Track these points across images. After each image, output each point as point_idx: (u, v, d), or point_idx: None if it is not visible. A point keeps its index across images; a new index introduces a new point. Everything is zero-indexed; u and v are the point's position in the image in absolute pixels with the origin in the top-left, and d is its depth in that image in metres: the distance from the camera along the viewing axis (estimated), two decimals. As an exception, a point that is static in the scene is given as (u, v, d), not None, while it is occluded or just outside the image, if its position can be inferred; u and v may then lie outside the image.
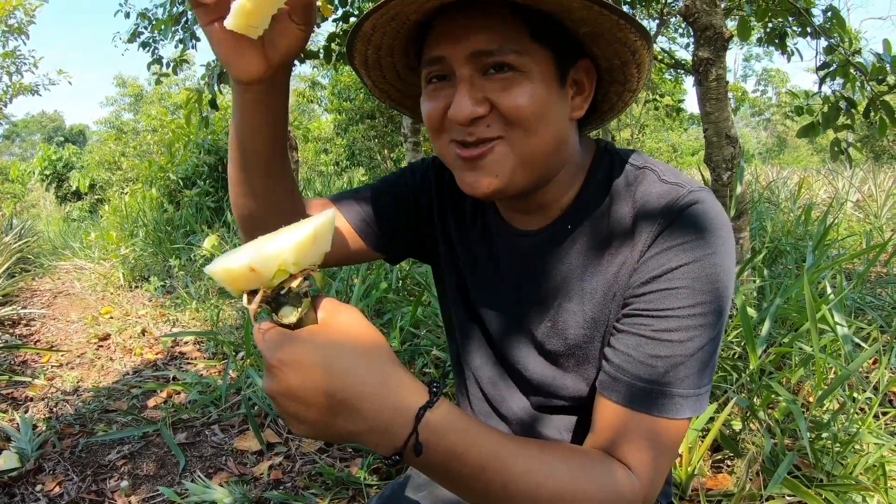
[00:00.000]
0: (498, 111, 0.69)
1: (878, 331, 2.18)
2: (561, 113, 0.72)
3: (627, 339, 0.72)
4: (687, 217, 0.70)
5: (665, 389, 0.69)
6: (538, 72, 0.68)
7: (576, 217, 0.79)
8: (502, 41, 0.67)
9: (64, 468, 2.05)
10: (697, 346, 0.69)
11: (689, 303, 0.68)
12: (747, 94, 20.51)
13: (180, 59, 4.53)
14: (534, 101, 0.68)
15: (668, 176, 0.75)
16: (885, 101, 2.83)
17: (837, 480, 1.45)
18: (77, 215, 14.28)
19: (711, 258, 0.69)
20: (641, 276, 0.72)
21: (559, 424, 0.88)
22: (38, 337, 3.80)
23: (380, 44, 0.74)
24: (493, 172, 0.71)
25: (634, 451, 0.68)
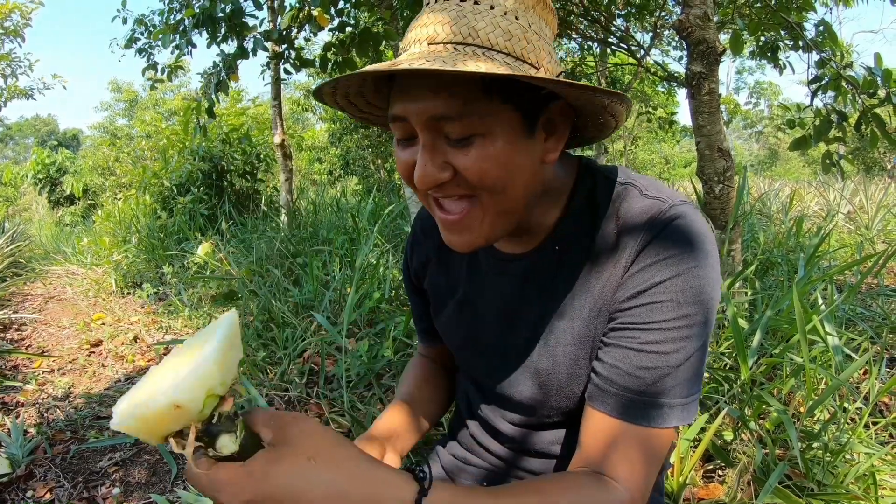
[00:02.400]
0: (463, 176, 0.68)
1: (869, 342, 2.20)
2: (530, 161, 0.71)
3: (615, 352, 0.73)
4: (670, 231, 0.71)
5: (653, 400, 0.70)
6: (501, 130, 0.66)
7: (561, 237, 0.81)
8: (459, 106, 0.64)
9: (55, 474, 2.04)
10: (684, 357, 0.70)
11: (675, 315, 0.70)
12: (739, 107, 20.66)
13: (175, 66, 4.54)
14: (497, 164, 0.67)
15: (651, 191, 0.76)
16: (876, 114, 2.87)
17: (828, 490, 1.46)
18: (70, 220, 14.20)
19: (695, 271, 0.70)
20: (627, 290, 0.73)
21: (549, 438, 0.90)
22: (30, 342, 3.78)
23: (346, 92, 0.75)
24: (472, 232, 0.73)
25: (624, 462, 0.69)
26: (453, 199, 0.71)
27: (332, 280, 3.45)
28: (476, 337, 0.93)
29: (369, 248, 3.40)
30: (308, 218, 5.50)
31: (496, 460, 0.96)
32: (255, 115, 8.17)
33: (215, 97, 3.79)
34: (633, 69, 8.00)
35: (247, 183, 7.23)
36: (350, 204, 5.94)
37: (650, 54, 6.15)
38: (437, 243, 0.96)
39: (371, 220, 4.32)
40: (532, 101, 0.68)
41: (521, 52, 0.66)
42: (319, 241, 4.47)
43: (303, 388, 2.49)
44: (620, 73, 9.13)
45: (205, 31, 3.72)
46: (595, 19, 5.11)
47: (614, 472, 0.69)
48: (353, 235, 4.21)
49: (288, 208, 5.53)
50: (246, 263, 4.22)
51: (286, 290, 3.54)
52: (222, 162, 6.85)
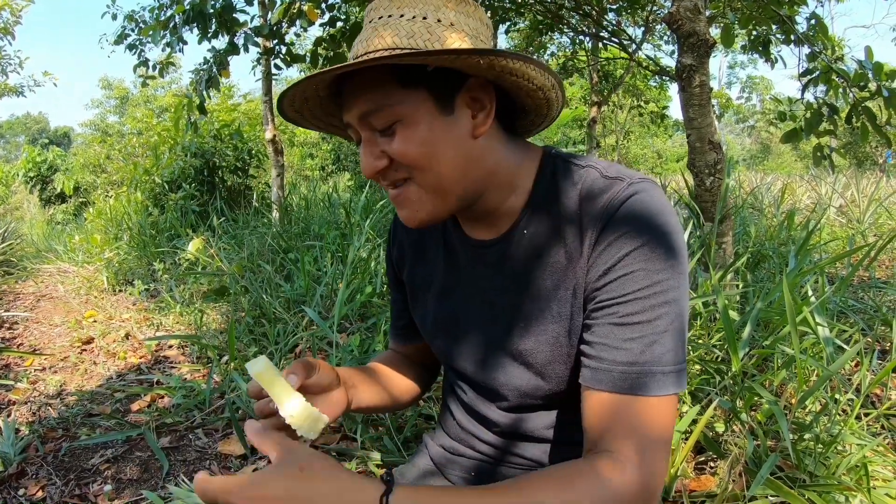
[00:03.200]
0: (394, 160, 0.77)
1: (860, 333, 2.21)
2: (457, 137, 0.77)
3: (599, 330, 0.75)
4: (629, 206, 0.75)
5: (645, 369, 0.71)
6: (417, 114, 0.74)
7: (528, 221, 0.84)
8: (376, 101, 0.74)
9: (47, 472, 2.02)
10: (667, 323, 0.72)
11: (648, 283, 0.72)
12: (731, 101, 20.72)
13: (167, 62, 4.52)
14: (418, 143, 0.75)
15: (610, 172, 0.80)
16: (867, 108, 2.87)
17: (820, 481, 1.47)
18: (61, 218, 14.13)
19: (660, 239, 0.74)
20: (598, 269, 0.76)
21: (539, 423, 0.90)
22: (21, 340, 3.76)
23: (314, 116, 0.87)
24: (415, 208, 0.80)
25: (629, 436, 0.70)
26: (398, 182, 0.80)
27: (323, 275, 3.44)
28: (457, 326, 0.94)
29: (361, 242, 3.39)
30: (299, 213, 5.48)
31: (487, 447, 0.96)
32: (246, 110, 8.15)
33: (206, 93, 3.77)
34: (624, 63, 8.00)
35: (238, 179, 7.21)
36: (342, 199, 5.92)
37: (642, 48, 6.15)
38: (413, 237, 1.01)
39: (363, 214, 4.30)
40: (443, 83, 0.75)
41: (423, 45, 0.74)
42: (311, 236, 4.46)
43: (294, 384, 2.48)
44: (612, 67, 9.13)
45: (195, 27, 3.70)
46: (587, 13, 5.11)
47: (619, 448, 0.70)
48: (344, 231, 4.20)
49: (279, 204, 5.52)
50: (237, 259, 4.21)
51: (277, 286, 3.53)
52: (214, 158, 6.82)
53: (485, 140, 0.80)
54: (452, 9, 0.77)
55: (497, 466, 0.95)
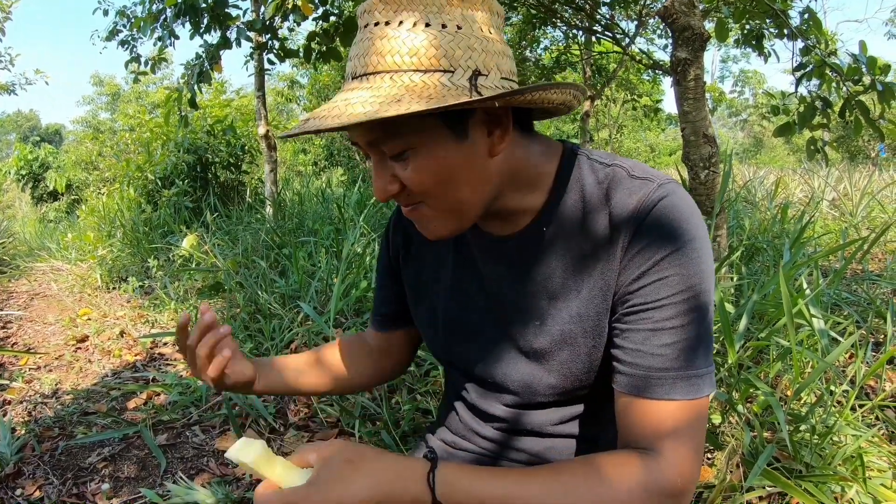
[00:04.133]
0: (407, 187, 0.74)
1: (854, 325, 2.22)
2: (470, 160, 0.74)
3: (634, 336, 0.75)
4: (661, 210, 0.75)
5: (681, 373, 0.73)
6: (430, 142, 0.71)
7: (550, 219, 0.83)
8: (385, 129, 0.70)
9: (44, 471, 2.02)
10: (699, 328, 0.73)
11: (681, 288, 0.73)
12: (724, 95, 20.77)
13: (158, 58, 4.49)
14: (431, 173, 0.72)
15: (637, 171, 0.79)
16: (860, 101, 2.88)
17: (816, 471, 1.48)
18: (53, 216, 14.04)
19: (692, 244, 0.74)
20: (631, 273, 0.75)
21: (543, 419, 0.90)
22: (15, 339, 3.74)
23: None
24: (432, 226, 0.79)
25: (670, 441, 0.72)
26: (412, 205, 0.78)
27: (318, 270, 3.43)
28: (468, 323, 0.93)
29: (355, 237, 3.39)
30: (293, 209, 5.47)
31: (488, 443, 0.96)
32: (239, 106, 8.11)
33: (198, 88, 3.75)
34: (618, 57, 8.01)
35: (231, 175, 7.18)
36: (336, 194, 5.91)
37: (635, 42, 6.15)
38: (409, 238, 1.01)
39: (357, 209, 4.30)
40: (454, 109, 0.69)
41: (429, 64, 0.69)
42: (305, 231, 4.45)
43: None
44: (605, 61, 9.13)
45: (187, 21, 3.68)
46: (580, 7, 5.11)
47: (661, 452, 0.71)
48: (338, 226, 4.19)
49: (273, 199, 5.50)
50: (231, 255, 4.20)
51: (272, 281, 3.52)
52: (207, 154, 6.79)
53: (503, 153, 0.77)
54: (458, 5, 0.71)
55: (498, 461, 0.95)
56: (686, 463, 0.71)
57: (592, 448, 0.90)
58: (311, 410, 2.28)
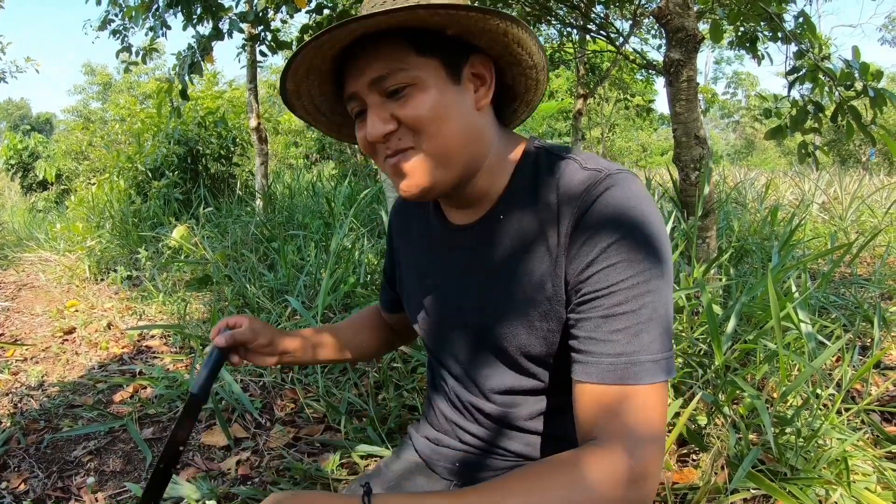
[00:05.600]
0: (404, 124, 0.78)
1: (842, 329, 2.23)
2: (463, 107, 0.80)
3: (586, 324, 0.76)
4: (608, 197, 0.76)
5: (634, 358, 0.72)
6: (430, 80, 0.77)
7: (506, 207, 0.86)
8: (391, 65, 0.76)
9: (29, 465, 2.00)
10: (651, 312, 0.73)
11: (630, 273, 0.73)
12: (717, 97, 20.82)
13: (150, 48, 4.45)
14: (430, 107, 0.77)
15: (590, 163, 0.81)
16: (852, 106, 2.90)
17: (801, 474, 1.48)
18: (42, 206, 13.92)
19: (641, 228, 0.74)
20: (580, 262, 0.77)
21: (524, 413, 0.90)
22: (2, 330, 3.71)
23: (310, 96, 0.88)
24: (416, 176, 0.81)
25: (618, 425, 0.70)
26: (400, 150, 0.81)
27: (306, 265, 3.42)
28: (436, 311, 0.97)
29: (344, 232, 3.38)
30: (283, 202, 5.45)
31: (472, 438, 0.96)
32: (231, 98, 8.07)
33: (189, 79, 3.72)
34: (611, 56, 8.00)
35: (222, 167, 7.14)
36: (326, 188, 5.89)
37: (629, 42, 6.16)
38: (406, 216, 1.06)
39: (347, 204, 4.28)
40: (454, 53, 0.79)
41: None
42: (295, 225, 4.43)
43: (278, 374, 2.47)
44: (599, 59, 9.13)
45: (179, 11, 3.64)
46: (575, 6, 5.10)
47: (609, 438, 0.70)
48: (328, 220, 4.17)
49: (263, 193, 5.47)
50: (221, 248, 4.17)
51: (261, 275, 3.51)
52: (198, 146, 6.75)
53: (483, 117, 0.83)
54: None
55: (483, 458, 0.95)
56: (645, 448, 0.69)
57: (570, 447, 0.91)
58: (298, 406, 2.28)
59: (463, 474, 0.97)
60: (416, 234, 1.03)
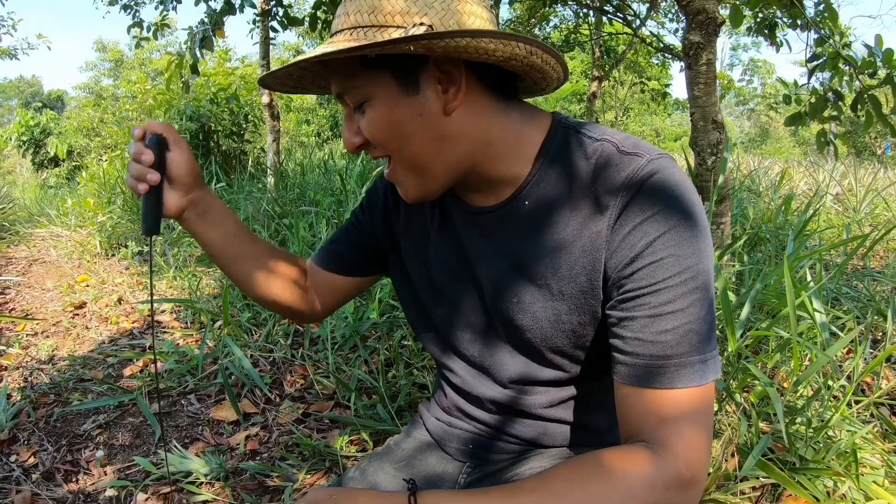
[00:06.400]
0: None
1: (854, 321, 2.21)
2: (424, 116, 0.74)
3: (632, 324, 0.71)
4: (651, 186, 0.71)
5: (683, 360, 0.69)
6: (380, 94, 0.74)
7: (531, 190, 0.80)
8: (344, 83, 0.76)
9: (38, 438, 2.02)
10: (700, 310, 0.70)
11: (678, 269, 0.69)
12: (733, 83, 20.59)
13: (161, 23, 4.43)
14: (382, 125, 0.75)
15: (627, 146, 0.75)
16: (872, 95, 2.85)
17: (810, 465, 1.48)
18: (54, 182, 14.00)
19: (687, 221, 0.70)
20: (623, 255, 0.72)
21: (538, 401, 0.88)
22: (13, 305, 3.73)
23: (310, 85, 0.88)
24: (404, 186, 0.81)
25: (670, 430, 0.68)
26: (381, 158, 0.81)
27: (318, 241, 3.41)
28: (448, 294, 0.91)
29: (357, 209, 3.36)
30: (295, 179, 5.44)
31: (482, 426, 0.94)
32: (243, 74, 8.03)
33: (200, 54, 3.70)
34: (627, 39, 7.92)
35: (234, 143, 7.13)
36: (338, 166, 5.87)
37: (646, 25, 6.08)
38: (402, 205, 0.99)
39: (359, 181, 4.26)
40: (405, 63, 0.73)
41: (384, 20, 0.72)
42: (306, 202, 4.42)
43: (288, 350, 2.48)
44: (615, 42, 9.03)
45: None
46: (592, -12, 5.04)
47: (662, 443, 0.67)
48: (340, 197, 4.16)
49: (275, 169, 5.46)
50: (232, 224, 4.16)
51: (272, 252, 3.50)
52: (209, 122, 6.74)
53: (464, 113, 0.76)
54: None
55: (496, 442, 0.94)
56: (694, 452, 0.67)
57: (585, 436, 0.89)
58: (307, 382, 2.29)
59: (475, 456, 0.95)
60: (425, 214, 0.95)
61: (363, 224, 1.04)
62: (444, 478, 0.96)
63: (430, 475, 0.97)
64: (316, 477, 1.75)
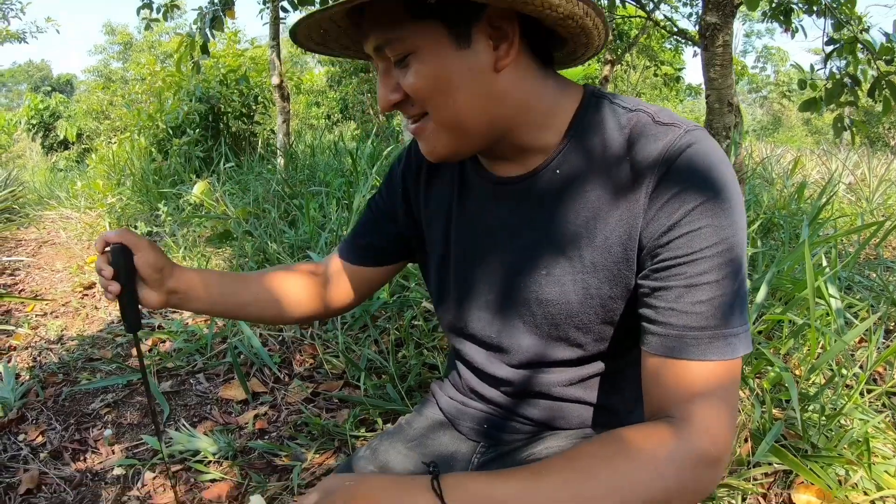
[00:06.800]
0: (408, 95, 0.73)
1: (868, 310, 2.18)
2: (475, 73, 0.72)
3: (666, 294, 0.70)
4: (689, 157, 0.70)
5: (717, 332, 0.67)
6: (430, 47, 0.70)
7: (563, 160, 0.78)
8: (387, 33, 0.71)
9: (47, 417, 2.02)
10: (734, 282, 0.68)
11: (716, 240, 0.68)
12: (747, 69, 20.38)
13: (171, 4, 4.40)
14: (429, 78, 0.71)
15: (663, 117, 0.74)
16: (890, 81, 2.80)
17: (822, 452, 1.46)
18: (64, 165, 14.06)
19: (724, 192, 0.69)
20: (660, 225, 0.70)
21: (555, 381, 0.86)
22: (23, 286, 3.75)
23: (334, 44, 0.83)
24: (432, 144, 0.77)
25: (695, 399, 0.67)
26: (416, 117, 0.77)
27: (328, 222, 3.40)
28: (472, 270, 0.88)
29: (367, 189, 3.35)
30: (305, 161, 5.42)
31: (495, 407, 0.92)
32: (253, 56, 7.99)
33: (210, 34, 3.67)
34: (640, 23, 7.83)
35: (243, 125, 7.11)
36: (348, 147, 5.85)
37: (659, 8, 6.00)
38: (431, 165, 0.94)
39: (369, 162, 4.24)
40: (458, 13, 0.69)
41: None
42: (316, 183, 4.40)
43: (297, 329, 2.48)
44: (628, 26, 8.92)
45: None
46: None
47: (685, 414, 0.66)
48: (350, 178, 4.14)
49: (284, 150, 5.44)
50: (241, 204, 4.17)
51: (282, 231, 3.50)
52: (219, 103, 6.73)
53: (511, 73, 0.73)
54: None
55: (509, 421, 0.92)
56: (721, 428, 0.65)
57: (608, 417, 0.87)
58: (316, 361, 2.28)
59: (489, 436, 0.94)
60: (440, 185, 0.92)
61: (384, 210, 1.01)
62: (458, 457, 0.95)
63: (442, 454, 0.95)
64: (325, 456, 1.75)
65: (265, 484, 1.64)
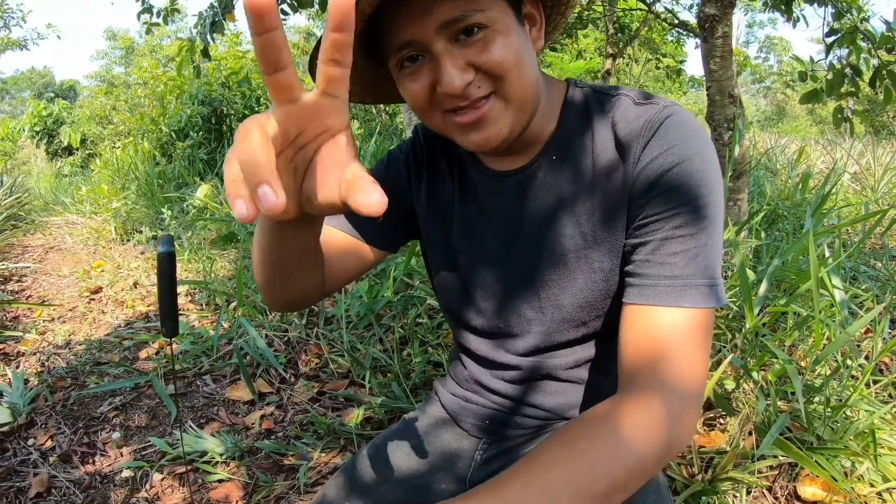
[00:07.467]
0: (483, 71, 0.71)
1: (873, 300, 2.17)
2: (528, 48, 0.75)
3: (644, 248, 0.75)
4: (666, 126, 0.75)
5: (689, 281, 0.71)
6: (503, 21, 0.71)
7: (556, 148, 0.83)
8: (466, 5, 0.68)
9: (56, 421, 2.04)
10: (708, 237, 0.72)
11: (691, 197, 0.72)
12: (749, 60, 20.26)
13: (171, 8, 4.41)
14: (511, 51, 0.71)
15: (641, 98, 0.79)
16: (891, 71, 2.79)
17: (828, 444, 1.46)
18: (68, 171, 14.10)
19: (700, 155, 0.73)
20: (640, 186, 0.75)
21: (561, 363, 0.88)
22: (30, 292, 3.77)
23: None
24: (497, 126, 0.74)
25: (679, 346, 0.69)
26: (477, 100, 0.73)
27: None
28: (476, 262, 0.90)
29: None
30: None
31: (502, 398, 0.93)
32: (255, 58, 8.00)
33: (210, 37, 3.68)
34: (641, 15, 7.80)
35: (247, 127, 7.13)
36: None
37: (660, 1, 5.98)
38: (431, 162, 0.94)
39: (372, 162, 4.24)
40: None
41: None
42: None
43: (302, 329, 2.49)
44: (629, 18, 8.88)
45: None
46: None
47: (664, 358, 0.69)
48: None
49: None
50: (245, 207, 4.17)
51: (287, 233, 3.50)
52: (222, 106, 6.74)
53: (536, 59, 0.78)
54: None
55: (514, 416, 0.93)
56: (694, 373, 0.69)
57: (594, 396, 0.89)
58: (322, 361, 2.29)
59: (492, 432, 0.95)
60: (439, 182, 0.93)
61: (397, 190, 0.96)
62: (460, 455, 0.96)
63: (445, 452, 0.96)
64: (331, 455, 1.76)
65: (272, 483, 1.64)
